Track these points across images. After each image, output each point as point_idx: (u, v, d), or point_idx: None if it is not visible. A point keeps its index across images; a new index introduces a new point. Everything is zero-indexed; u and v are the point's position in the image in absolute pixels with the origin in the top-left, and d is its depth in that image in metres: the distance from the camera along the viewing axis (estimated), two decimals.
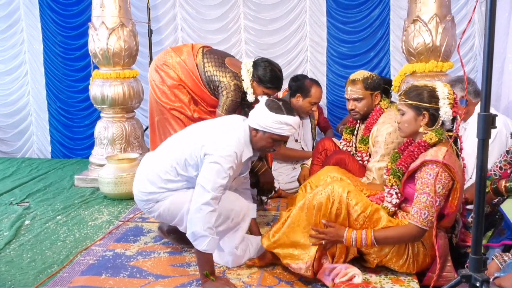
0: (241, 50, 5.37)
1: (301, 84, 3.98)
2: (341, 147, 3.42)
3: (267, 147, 2.63)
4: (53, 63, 5.68)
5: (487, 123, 1.71)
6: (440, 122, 2.37)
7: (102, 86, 4.52)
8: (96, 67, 4.66)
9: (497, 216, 2.60)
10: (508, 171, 2.66)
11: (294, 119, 2.57)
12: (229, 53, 5.27)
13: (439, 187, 2.22)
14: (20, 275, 2.71)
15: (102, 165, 4.44)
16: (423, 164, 2.29)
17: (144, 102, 5.05)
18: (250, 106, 3.30)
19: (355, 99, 3.12)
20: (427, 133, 2.38)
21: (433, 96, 2.36)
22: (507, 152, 2.69)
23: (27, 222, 3.55)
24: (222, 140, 2.48)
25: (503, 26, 4.33)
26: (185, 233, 2.56)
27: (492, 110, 3.06)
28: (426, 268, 2.40)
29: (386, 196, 2.47)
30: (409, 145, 2.55)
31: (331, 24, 5.15)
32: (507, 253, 2.21)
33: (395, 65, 5.02)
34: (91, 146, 4.90)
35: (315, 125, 4.35)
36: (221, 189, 2.41)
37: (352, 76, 3.25)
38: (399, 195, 2.44)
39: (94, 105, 4.74)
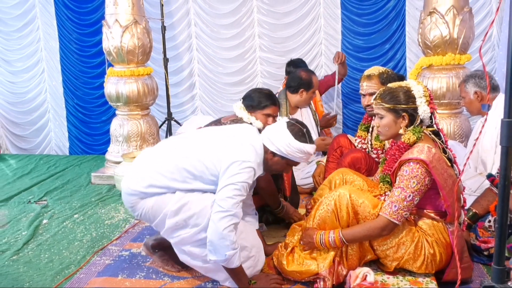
0: (254, 45, 5.35)
1: (298, 79, 4.05)
2: (356, 144, 3.42)
3: (280, 171, 2.57)
4: (69, 61, 5.75)
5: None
6: (419, 121, 2.38)
7: (117, 84, 4.56)
8: (110, 65, 4.69)
9: None
10: None
11: (313, 147, 2.51)
12: (243, 47, 5.34)
13: (414, 182, 2.24)
14: (38, 276, 2.74)
15: (118, 162, 4.50)
16: (400, 164, 2.33)
17: (160, 98, 5.11)
18: None
19: (371, 94, 3.12)
20: (405, 134, 2.40)
21: (409, 96, 2.37)
22: None
23: (45, 221, 3.61)
24: (243, 155, 2.34)
25: None
26: (169, 248, 2.55)
27: None
28: (445, 266, 2.39)
29: None
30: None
31: (346, 17, 5.09)
32: None
33: (411, 57, 4.95)
34: (109, 141, 4.95)
35: (315, 111, 4.37)
36: (240, 205, 2.30)
37: (366, 72, 3.27)
38: None
39: (109, 103, 4.79)
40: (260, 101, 3.03)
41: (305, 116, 4.25)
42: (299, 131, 2.46)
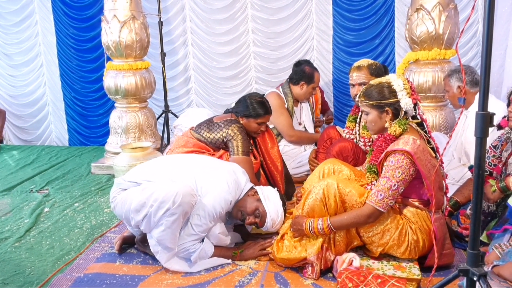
0: (248, 40, 5.45)
1: (301, 71, 4.14)
2: (344, 135, 3.54)
3: (236, 216, 2.73)
4: (66, 55, 5.83)
5: (485, 122, 1.71)
6: (403, 113, 2.46)
7: (116, 77, 4.66)
8: (109, 59, 4.78)
9: (498, 210, 2.69)
10: (500, 166, 2.70)
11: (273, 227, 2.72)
12: (237, 42, 5.43)
13: (399, 172, 2.32)
14: (39, 262, 2.81)
15: (117, 153, 4.57)
16: (387, 154, 2.41)
17: (157, 92, 5.20)
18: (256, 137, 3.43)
19: (360, 84, 3.25)
20: (391, 126, 2.48)
21: (390, 91, 2.45)
22: (494, 147, 2.73)
23: (46, 209, 3.68)
24: (219, 201, 2.59)
25: (506, 13, 4.36)
26: None
27: (493, 98, 3.10)
28: (428, 252, 2.47)
29: None
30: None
31: (337, 12, 5.20)
32: (506, 243, 2.28)
33: (400, 52, 5.07)
34: (107, 134, 5.05)
35: (312, 107, 4.46)
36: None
37: (356, 64, 3.37)
38: None
39: (108, 96, 4.89)
40: (254, 110, 3.26)
41: (305, 111, 4.35)
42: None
